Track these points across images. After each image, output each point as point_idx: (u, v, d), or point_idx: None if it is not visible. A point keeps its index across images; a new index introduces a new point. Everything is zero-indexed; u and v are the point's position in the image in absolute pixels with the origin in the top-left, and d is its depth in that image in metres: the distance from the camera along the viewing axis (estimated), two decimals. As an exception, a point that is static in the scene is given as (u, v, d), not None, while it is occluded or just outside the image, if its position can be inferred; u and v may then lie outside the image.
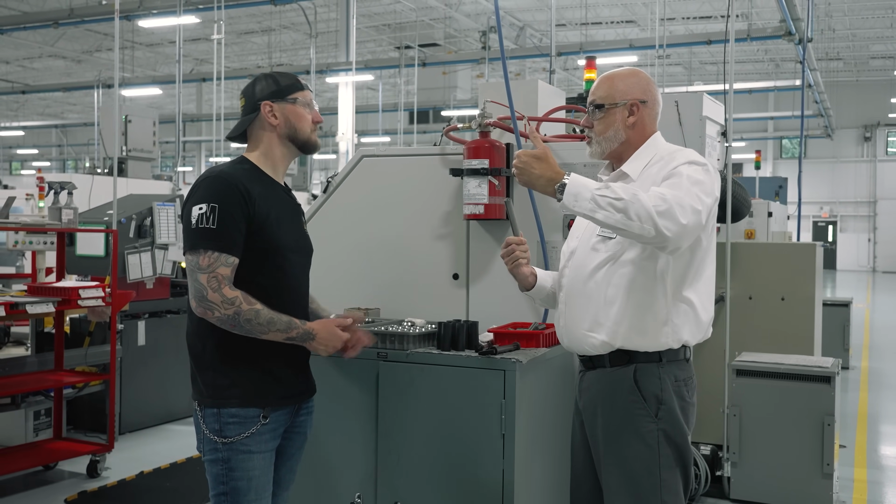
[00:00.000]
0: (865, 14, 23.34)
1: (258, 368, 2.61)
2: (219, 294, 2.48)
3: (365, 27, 23.13)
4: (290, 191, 2.85)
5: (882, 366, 10.11)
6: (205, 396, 2.60)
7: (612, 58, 18.39)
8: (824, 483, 4.71)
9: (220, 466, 2.58)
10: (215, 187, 2.56)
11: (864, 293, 21.53)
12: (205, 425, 2.60)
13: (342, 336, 2.68)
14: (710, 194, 2.53)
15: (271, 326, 2.53)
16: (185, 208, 2.60)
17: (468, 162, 3.56)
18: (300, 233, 2.81)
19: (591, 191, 2.41)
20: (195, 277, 2.51)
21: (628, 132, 2.70)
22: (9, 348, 6.17)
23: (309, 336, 2.61)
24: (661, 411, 2.59)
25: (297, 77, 2.78)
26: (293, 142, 2.74)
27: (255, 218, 2.57)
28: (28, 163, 42.05)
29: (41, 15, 19.00)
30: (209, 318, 2.51)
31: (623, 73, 2.77)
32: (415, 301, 3.79)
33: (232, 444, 2.57)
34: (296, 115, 2.72)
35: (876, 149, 33.86)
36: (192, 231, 2.54)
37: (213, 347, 2.59)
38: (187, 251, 2.55)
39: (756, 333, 5.45)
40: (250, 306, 2.50)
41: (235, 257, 2.54)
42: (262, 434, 2.61)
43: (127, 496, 5.11)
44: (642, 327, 2.59)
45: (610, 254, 2.61)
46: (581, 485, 2.81)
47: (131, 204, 6.80)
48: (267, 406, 2.61)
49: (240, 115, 2.77)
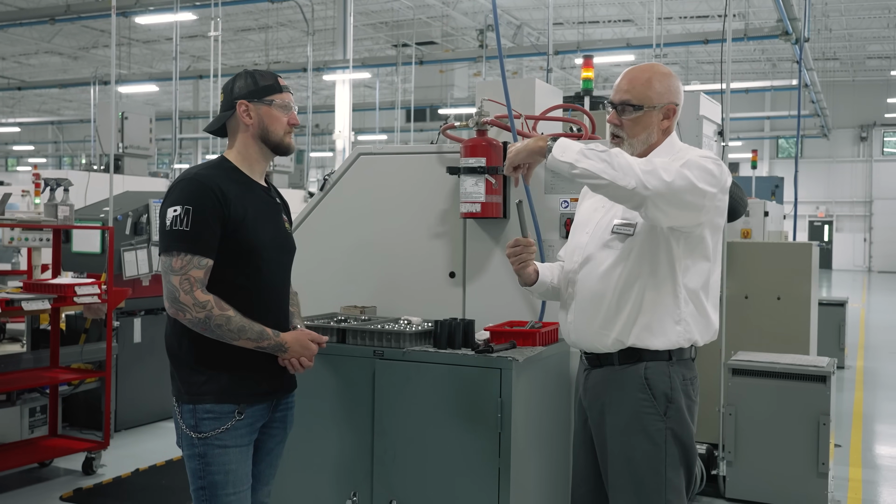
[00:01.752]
0: (862, 14, 23.37)
1: (233, 366, 2.62)
2: (190, 297, 2.52)
3: (362, 25, 23.11)
4: (271, 189, 2.85)
5: (877, 365, 10.13)
6: (182, 393, 2.64)
7: (609, 57, 18.42)
8: (820, 482, 4.72)
9: (196, 461, 2.63)
10: (189, 189, 2.59)
11: (859, 293, 21.57)
12: (182, 421, 2.64)
13: (313, 350, 2.72)
14: (712, 182, 2.50)
15: (242, 334, 2.56)
16: (161, 210, 2.65)
17: (465, 160, 3.55)
18: (280, 231, 2.81)
19: (579, 145, 2.51)
20: (168, 279, 2.55)
21: (659, 135, 2.69)
22: (4, 345, 6.16)
23: (280, 349, 2.65)
24: (670, 410, 2.58)
25: (278, 77, 2.78)
26: (266, 143, 2.74)
27: (230, 219, 2.59)
28: (24, 159, 41.95)
29: (37, 11, 18.96)
30: (181, 320, 2.56)
31: (658, 72, 2.71)
32: (411, 299, 3.79)
33: (207, 439, 2.60)
34: (270, 117, 2.72)
35: (872, 149, 33.91)
36: (166, 233, 2.57)
37: (189, 345, 2.62)
38: (162, 252, 2.60)
39: (752, 333, 5.46)
40: (222, 312, 2.53)
41: (209, 259, 2.56)
42: (238, 429, 2.63)
43: (122, 493, 5.10)
44: (655, 326, 2.58)
45: (625, 253, 2.60)
46: (582, 483, 2.80)
47: (127, 201, 6.79)
48: (242, 402, 2.64)
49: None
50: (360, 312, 3.72)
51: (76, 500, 4.96)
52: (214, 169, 2.69)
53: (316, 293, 3.90)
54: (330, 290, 3.91)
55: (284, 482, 3.28)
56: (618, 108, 2.68)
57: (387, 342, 3.24)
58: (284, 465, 3.01)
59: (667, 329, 2.58)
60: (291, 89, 2.82)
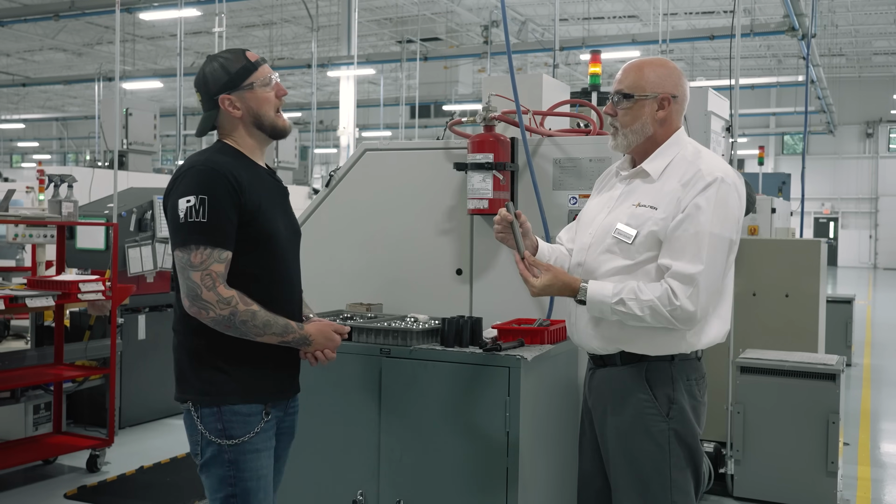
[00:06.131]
0: (868, 10, 23.27)
1: (256, 361, 2.48)
2: (214, 293, 2.35)
3: (366, 21, 23.07)
4: (275, 172, 2.71)
5: (884, 363, 10.08)
6: (201, 395, 2.45)
7: (614, 53, 18.36)
8: (829, 481, 4.68)
9: (226, 468, 2.45)
10: (202, 178, 2.41)
11: (865, 290, 21.51)
12: (203, 426, 2.45)
13: (337, 341, 2.58)
14: (731, 227, 2.49)
15: (267, 329, 2.41)
16: (170, 200, 2.44)
17: (472, 156, 3.52)
18: (290, 217, 2.68)
19: (610, 305, 2.48)
20: (187, 275, 2.37)
21: (656, 127, 2.60)
22: (8, 342, 6.15)
23: (305, 342, 2.51)
24: (673, 411, 2.54)
25: (245, 53, 2.57)
26: (260, 129, 2.57)
27: (246, 207, 2.43)
28: (28, 155, 42.01)
29: (42, 7, 18.94)
30: (203, 319, 2.38)
31: (653, 62, 2.65)
32: (418, 297, 3.76)
33: (238, 443, 2.44)
34: (257, 100, 2.54)
35: (878, 145, 33.81)
36: (181, 225, 2.38)
37: (208, 343, 2.44)
38: (177, 247, 2.40)
39: (760, 330, 5.42)
40: (247, 307, 2.38)
41: (229, 251, 2.40)
42: (267, 431, 2.51)
43: (127, 491, 5.08)
44: (656, 335, 2.52)
45: (627, 258, 2.53)
46: (589, 484, 2.77)
47: (132, 197, 6.77)
48: (269, 401, 2.51)
49: (201, 111, 2.61)
50: (366, 310, 3.69)
51: (81, 498, 4.94)
52: (221, 154, 2.51)
53: (321, 290, 3.87)
54: (335, 287, 3.89)
55: (291, 480, 3.24)
56: (613, 98, 2.63)
57: (393, 340, 3.21)
58: (291, 464, 2.98)
59: (667, 337, 2.53)
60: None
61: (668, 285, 2.43)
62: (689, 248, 2.43)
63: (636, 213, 2.54)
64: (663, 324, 2.45)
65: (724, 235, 2.48)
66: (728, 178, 2.50)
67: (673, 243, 2.46)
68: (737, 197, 2.52)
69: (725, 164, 2.63)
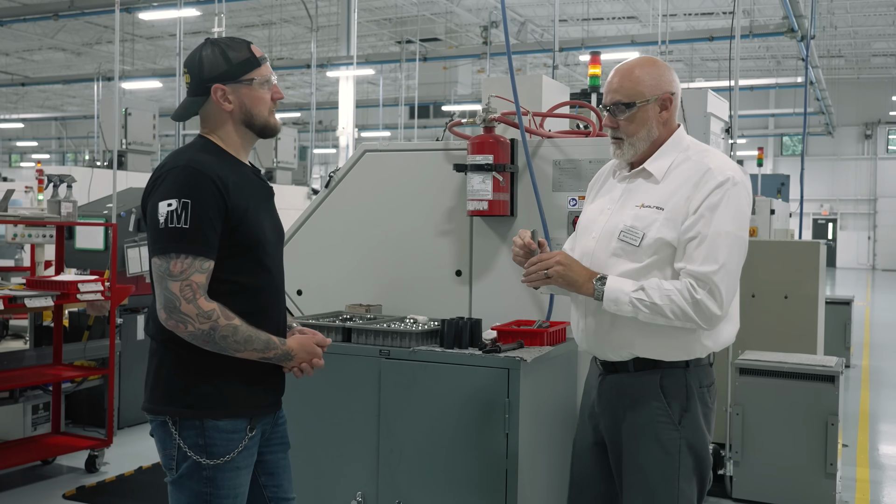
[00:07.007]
0: (867, 11, 23.29)
1: (241, 373, 2.31)
2: (193, 305, 2.18)
3: (366, 21, 23.06)
4: (260, 172, 2.53)
5: (883, 364, 10.08)
6: (183, 408, 2.29)
7: (613, 54, 18.35)
8: (828, 483, 4.68)
9: (203, 485, 2.29)
10: (185, 180, 2.22)
11: (864, 291, 21.51)
12: (181, 440, 2.30)
13: (318, 353, 2.42)
14: (744, 225, 2.48)
15: (248, 345, 2.25)
16: (150, 202, 2.26)
17: (472, 157, 3.52)
18: (275, 220, 2.50)
19: (628, 294, 2.41)
20: (165, 285, 2.19)
21: (660, 129, 2.54)
22: (7, 342, 6.13)
23: (287, 357, 2.35)
24: (685, 419, 2.50)
25: (250, 46, 2.38)
26: (250, 128, 2.39)
27: (233, 212, 2.26)
28: (27, 155, 41.97)
29: (41, 7, 18.92)
30: (180, 332, 2.21)
31: (641, 63, 2.57)
32: (417, 298, 3.76)
33: (219, 460, 2.29)
34: (252, 98, 2.36)
35: (876, 147, 33.82)
36: (161, 231, 2.20)
37: (193, 353, 2.26)
38: (155, 254, 2.22)
39: (759, 331, 5.42)
40: (228, 321, 2.21)
41: (211, 261, 2.23)
42: (249, 448, 2.36)
43: (125, 491, 5.08)
44: (671, 339, 2.48)
45: (635, 262, 2.47)
46: (584, 489, 2.72)
47: (131, 197, 6.75)
48: (254, 416, 2.35)
49: (186, 93, 2.41)
50: (365, 311, 3.69)
51: (79, 499, 4.94)
52: (206, 153, 2.31)
53: (320, 291, 3.87)
54: (335, 288, 3.88)
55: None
56: (611, 109, 2.55)
57: (393, 341, 3.21)
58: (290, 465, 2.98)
59: (682, 340, 2.49)
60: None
61: (687, 282, 2.40)
62: (705, 248, 2.40)
63: (640, 214, 2.49)
64: (681, 319, 2.39)
65: (739, 234, 2.47)
66: (738, 176, 2.48)
67: (689, 244, 2.42)
68: (746, 195, 2.49)
69: (732, 161, 2.60)
